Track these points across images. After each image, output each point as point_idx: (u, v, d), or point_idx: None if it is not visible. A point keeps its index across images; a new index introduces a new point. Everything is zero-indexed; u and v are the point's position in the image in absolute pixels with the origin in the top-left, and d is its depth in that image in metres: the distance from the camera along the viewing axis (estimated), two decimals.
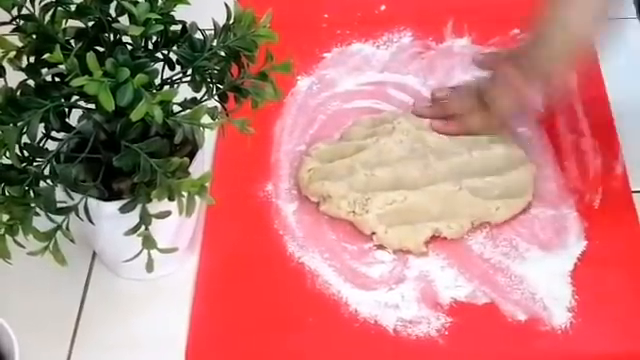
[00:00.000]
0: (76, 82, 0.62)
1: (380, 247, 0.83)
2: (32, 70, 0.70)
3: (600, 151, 0.89)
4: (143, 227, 0.69)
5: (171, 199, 0.68)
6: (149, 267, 0.70)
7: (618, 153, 0.89)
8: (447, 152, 0.87)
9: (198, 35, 0.72)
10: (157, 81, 0.70)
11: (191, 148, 0.75)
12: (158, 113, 0.64)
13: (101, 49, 0.70)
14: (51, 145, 0.70)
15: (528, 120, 0.91)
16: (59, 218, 0.68)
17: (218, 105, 0.74)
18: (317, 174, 0.87)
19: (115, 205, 0.70)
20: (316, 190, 0.86)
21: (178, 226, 0.78)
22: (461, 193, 0.84)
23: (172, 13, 0.71)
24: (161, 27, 0.68)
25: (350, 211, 0.84)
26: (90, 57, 0.63)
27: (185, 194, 0.68)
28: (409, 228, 0.83)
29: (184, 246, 0.81)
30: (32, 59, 0.70)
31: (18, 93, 0.68)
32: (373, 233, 0.83)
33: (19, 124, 0.65)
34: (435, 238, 0.83)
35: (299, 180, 0.87)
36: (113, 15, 0.71)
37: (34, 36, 0.70)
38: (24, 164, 0.67)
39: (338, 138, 0.91)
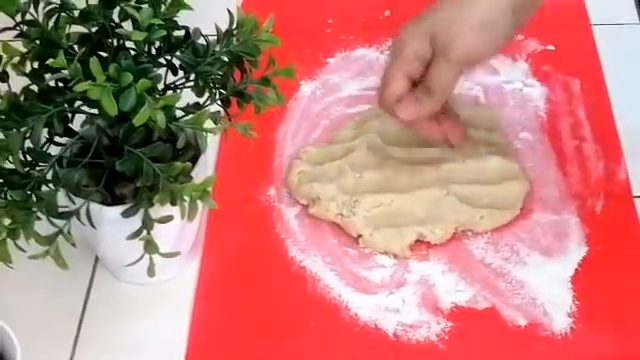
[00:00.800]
0: (79, 87, 0.63)
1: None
2: (36, 75, 0.70)
3: (602, 156, 0.89)
4: (145, 232, 0.69)
5: (173, 204, 0.68)
6: (151, 271, 0.71)
7: (620, 158, 0.89)
8: (439, 158, 0.87)
9: (201, 40, 0.73)
10: (160, 86, 0.70)
11: (194, 153, 0.75)
12: (161, 118, 0.64)
13: (104, 54, 0.71)
14: (54, 150, 0.70)
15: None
16: (61, 222, 0.68)
17: (221, 110, 0.74)
18: (306, 177, 0.86)
19: (117, 210, 0.71)
20: (305, 193, 0.86)
21: (180, 230, 0.78)
22: (448, 198, 0.84)
23: (175, 19, 0.71)
24: (164, 32, 0.68)
25: (338, 213, 0.84)
26: (93, 62, 0.63)
27: (187, 199, 0.68)
28: (394, 231, 0.83)
29: (186, 250, 0.81)
30: (36, 64, 0.70)
31: (22, 98, 0.68)
32: (359, 236, 0.83)
33: (22, 129, 0.65)
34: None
35: (289, 183, 0.87)
36: (116, 20, 0.71)
37: (38, 41, 0.70)
38: (27, 169, 0.68)
39: (328, 142, 0.91)
